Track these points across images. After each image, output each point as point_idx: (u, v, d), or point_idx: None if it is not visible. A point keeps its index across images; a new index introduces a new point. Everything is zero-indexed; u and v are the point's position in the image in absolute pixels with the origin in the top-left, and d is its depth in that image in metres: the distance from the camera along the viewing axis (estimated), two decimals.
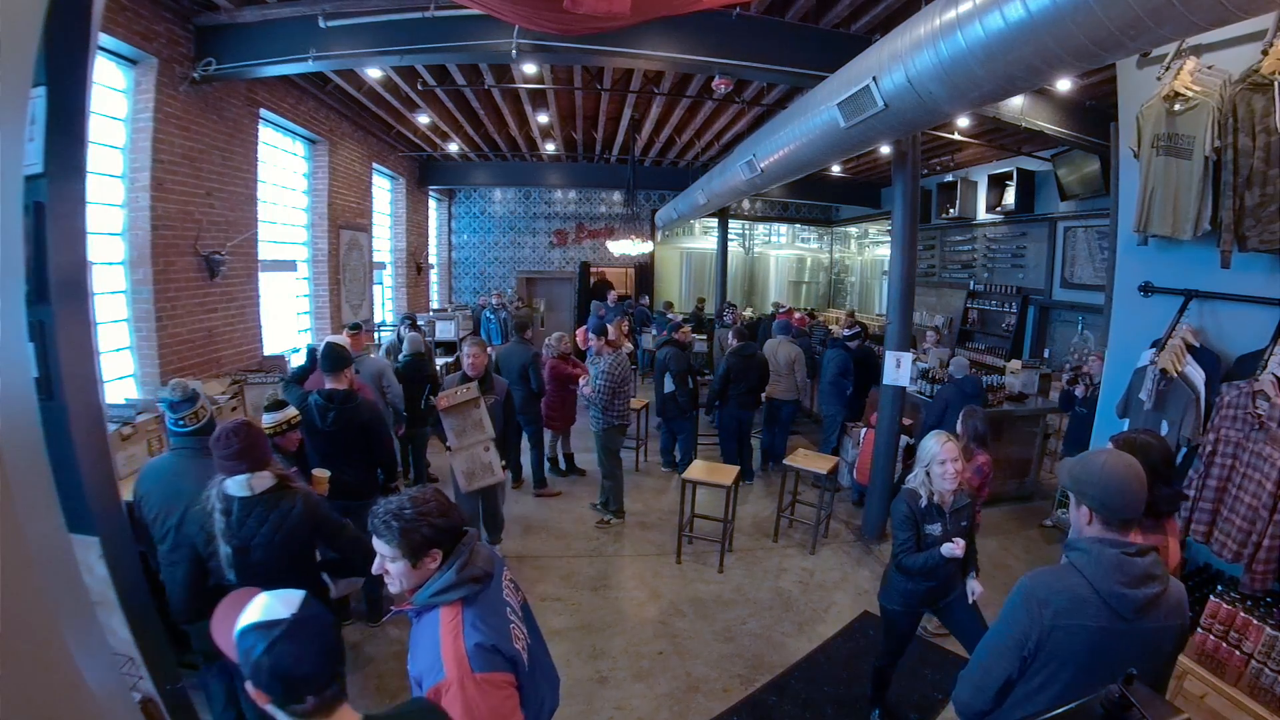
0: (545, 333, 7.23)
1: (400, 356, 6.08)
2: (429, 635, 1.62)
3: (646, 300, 13.03)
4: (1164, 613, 1.66)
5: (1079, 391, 5.61)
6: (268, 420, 3.27)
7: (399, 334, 7.17)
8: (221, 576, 2.38)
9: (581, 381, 5.89)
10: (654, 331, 10.28)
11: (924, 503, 2.91)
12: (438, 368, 6.91)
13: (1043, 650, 1.66)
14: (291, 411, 3.37)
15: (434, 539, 1.66)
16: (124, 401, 4.53)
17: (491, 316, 10.33)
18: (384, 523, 1.64)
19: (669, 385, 6.52)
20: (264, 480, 2.43)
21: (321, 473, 3.29)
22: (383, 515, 1.65)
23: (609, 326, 6.14)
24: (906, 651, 3.29)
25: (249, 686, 1.25)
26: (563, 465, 7.04)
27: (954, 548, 2.86)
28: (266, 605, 1.28)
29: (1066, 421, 5.97)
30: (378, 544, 1.67)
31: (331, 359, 3.81)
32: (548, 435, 6.81)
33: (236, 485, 2.40)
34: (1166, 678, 1.83)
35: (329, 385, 3.76)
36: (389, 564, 1.67)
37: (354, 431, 3.73)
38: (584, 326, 7.66)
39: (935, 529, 2.91)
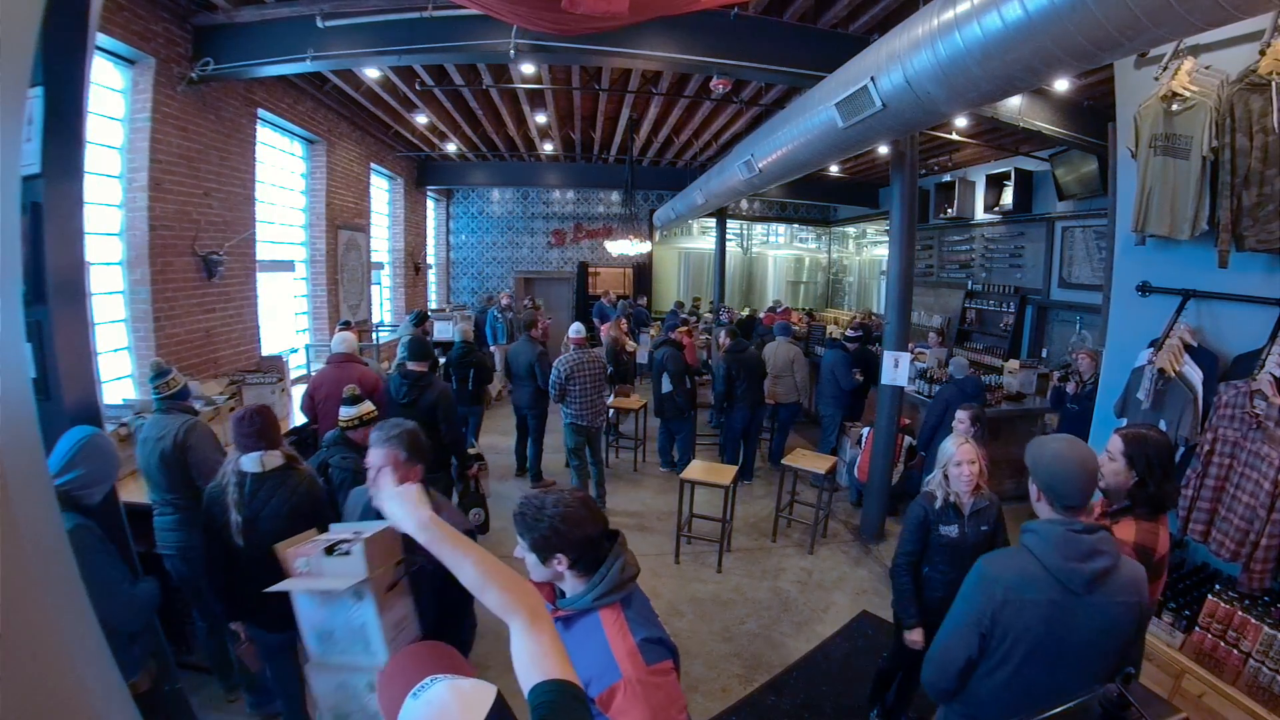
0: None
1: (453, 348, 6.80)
2: (592, 639, 1.63)
3: (645, 301, 13.03)
4: (1117, 589, 1.72)
5: (1070, 389, 5.64)
6: (345, 414, 3.40)
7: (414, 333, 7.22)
8: (231, 541, 2.56)
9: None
10: (653, 331, 10.29)
11: (939, 504, 2.92)
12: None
13: (998, 626, 1.74)
14: (368, 406, 3.46)
15: (558, 545, 1.66)
16: (121, 402, 4.53)
17: (499, 316, 10.30)
18: (519, 515, 1.68)
19: (666, 385, 6.53)
20: (274, 459, 2.63)
21: None
22: (520, 508, 1.69)
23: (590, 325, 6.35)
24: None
25: None
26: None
27: (916, 640, 2.91)
28: (441, 706, 0.99)
29: (1058, 419, 6.00)
30: (518, 538, 1.71)
31: (415, 348, 4.68)
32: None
33: (250, 461, 2.60)
34: (1134, 659, 1.87)
35: (411, 368, 4.52)
36: (523, 553, 1.70)
37: (424, 407, 4.36)
38: (615, 320, 8.44)
39: (952, 531, 2.90)
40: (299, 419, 5.14)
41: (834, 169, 11.25)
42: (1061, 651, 1.72)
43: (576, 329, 6.13)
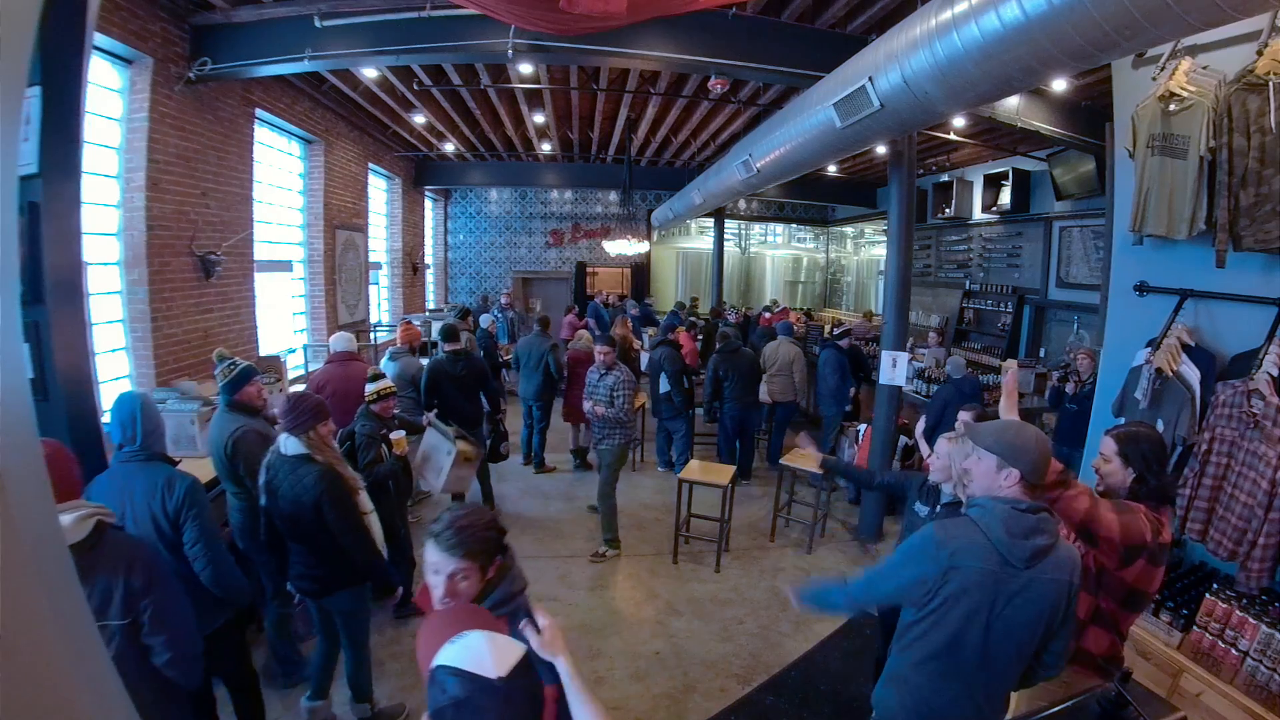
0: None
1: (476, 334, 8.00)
2: None
3: (651, 301, 13.04)
4: (1052, 566, 1.83)
5: (1069, 389, 5.64)
6: (367, 390, 3.98)
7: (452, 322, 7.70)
8: (259, 496, 2.95)
9: (588, 404, 5.26)
10: (651, 331, 10.30)
11: (925, 484, 3.03)
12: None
13: (942, 587, 1.85)
14: (386, 383, 4.03)
15: (499, 544, 1.65)
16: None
17: (500, 315, 10.46)
18: (456, 538, 1.58)
19: (664, 385, 6.52)
20: (293, 445, 2.85)
21: (399, 434, 3.93)
22: (449, 535, 1.58)
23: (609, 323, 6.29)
24: None
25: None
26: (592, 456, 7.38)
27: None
28: (477, 650, 1.14)
29: (1056, 418, 6.01)
30: (444, 560, 1.57)
31: (445, 333, 5.63)
32: (570, 427, 7.27)
33: (281, 441, 2.89)
34: (1064, 635, 1.95)
35: (448, 348, 5.49)
36: (461, 583, 1.57)
37: (474, 374, 5.48)
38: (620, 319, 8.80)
39: (923, 510, 2.98)
40: None
41: (832, 169, 11.26)
42: (993, 621, 1.83)
43: (609, 340, 5.44)
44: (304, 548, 2.95)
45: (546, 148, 11.20)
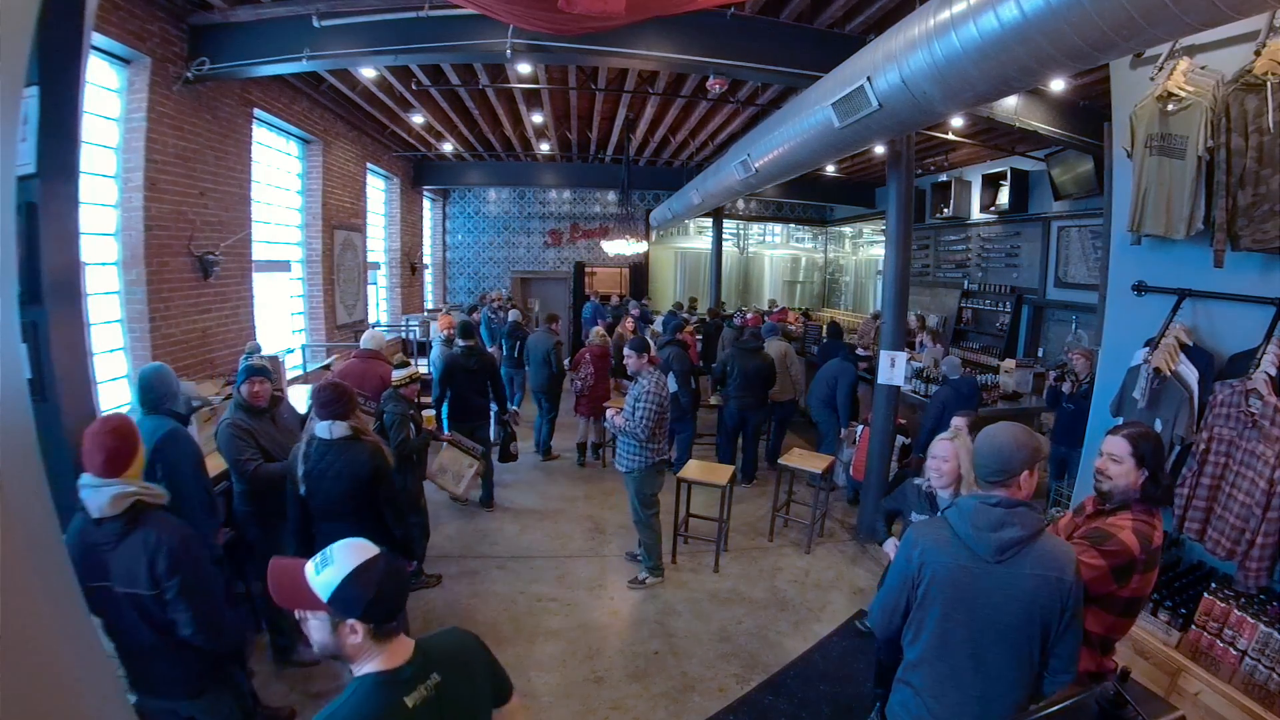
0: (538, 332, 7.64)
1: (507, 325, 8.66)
2: None
3: (648, 301, 13.02)
4: (1031, 561, 1.79)
5: (1065, 388, 5.65)
6: (396, 375, 4.43)
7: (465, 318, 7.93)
8: (298, 488, 3.07)
9: (610, 412, 4.85)
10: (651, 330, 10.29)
11: (919, 492, 3.03)
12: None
13: (919, 586, 1.89)
14: (416, 370, 4.52)
15: None
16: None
17: (493, 316, 10.43)
18: None
19: (672, 385, 6.51)
20: (340, 429, 3.05)
21: (429, 412, 4.63)
22: None
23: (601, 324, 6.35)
24: None
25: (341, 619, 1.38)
26: (590, 454, 7.63)
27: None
28: (349, 547, 1.41)
29: (1054, 418, 6.01)
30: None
31: (462, 329, 6.09)
32: (580, 421, 7.52)
33: (321, 428, 3.06)
34: (1070, 639, 1.85)
35: (462, 344, 5.94)
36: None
37: (484, 368, 5.93)
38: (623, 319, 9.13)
39: (921, 519, 2.95)
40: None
41: (830, 169, 11.27)
42: (975, 619, 1.81)
43: (640, 345, 4.70)
44: (347, 524, 3.04)
45: (545, 148, 11.19)
